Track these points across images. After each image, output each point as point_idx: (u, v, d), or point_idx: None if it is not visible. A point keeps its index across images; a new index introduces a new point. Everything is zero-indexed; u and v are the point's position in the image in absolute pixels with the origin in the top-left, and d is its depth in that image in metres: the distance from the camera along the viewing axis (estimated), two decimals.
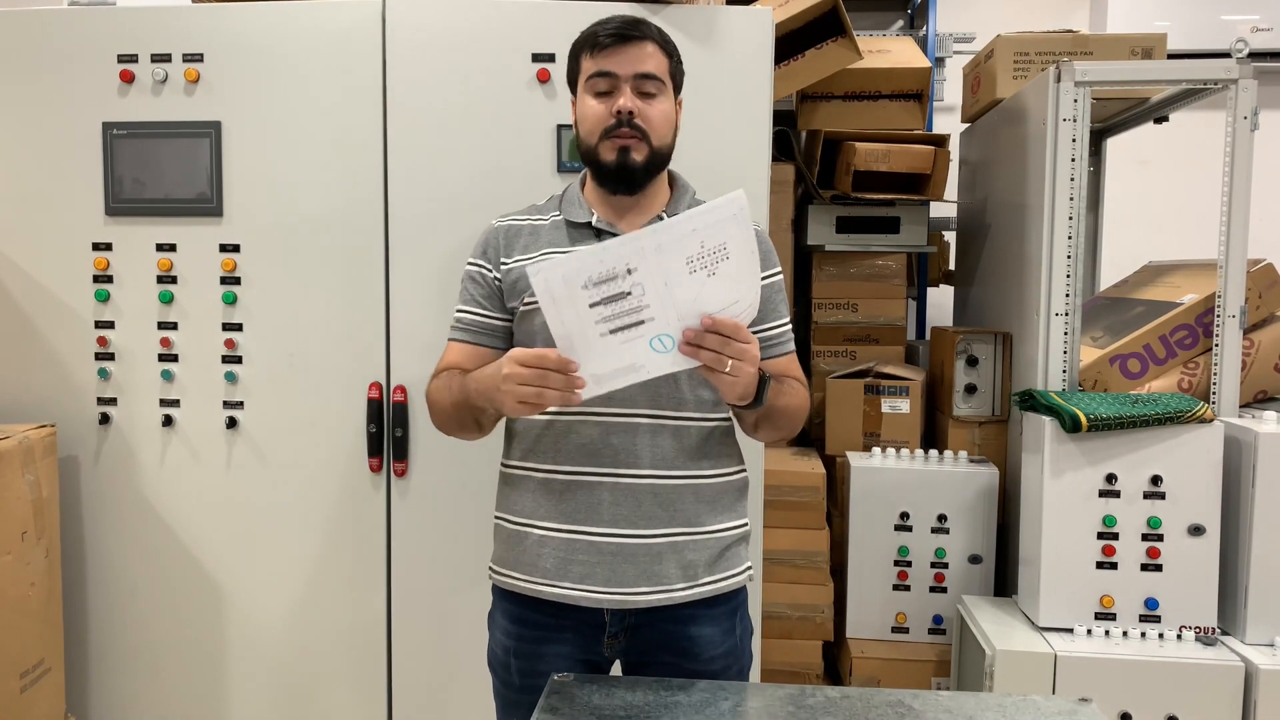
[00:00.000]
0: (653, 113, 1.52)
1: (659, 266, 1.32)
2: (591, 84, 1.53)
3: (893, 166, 2.83)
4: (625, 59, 1.50)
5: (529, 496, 1.56)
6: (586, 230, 1.57)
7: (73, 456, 2.20)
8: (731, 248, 1.33)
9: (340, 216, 2.12)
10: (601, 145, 1.52)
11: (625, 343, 1.35)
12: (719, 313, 1.35)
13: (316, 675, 2.20)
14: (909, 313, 3.40)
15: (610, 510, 1.51)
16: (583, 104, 1.55)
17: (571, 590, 1.51)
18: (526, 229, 1.60)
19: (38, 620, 2.05)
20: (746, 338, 1.37)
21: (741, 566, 1.61)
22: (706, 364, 1.36)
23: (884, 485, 2.62)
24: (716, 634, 1.57)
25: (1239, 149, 2.31)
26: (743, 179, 2.08)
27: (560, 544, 1.52)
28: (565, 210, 1.60)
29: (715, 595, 1.56)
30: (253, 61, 2.11)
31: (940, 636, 2.61)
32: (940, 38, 3.71)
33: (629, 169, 1.52)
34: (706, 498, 1.56)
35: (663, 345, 1.36)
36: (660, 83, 1.53)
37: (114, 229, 2.16)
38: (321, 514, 2.17)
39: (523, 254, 1.57)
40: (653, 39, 1.53)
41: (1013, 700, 1.37)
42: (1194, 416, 2.21)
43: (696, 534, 1.54)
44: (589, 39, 1.54)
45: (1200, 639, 2.22)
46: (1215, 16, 3.65)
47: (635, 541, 1.51)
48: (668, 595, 1.52)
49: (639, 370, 1.37)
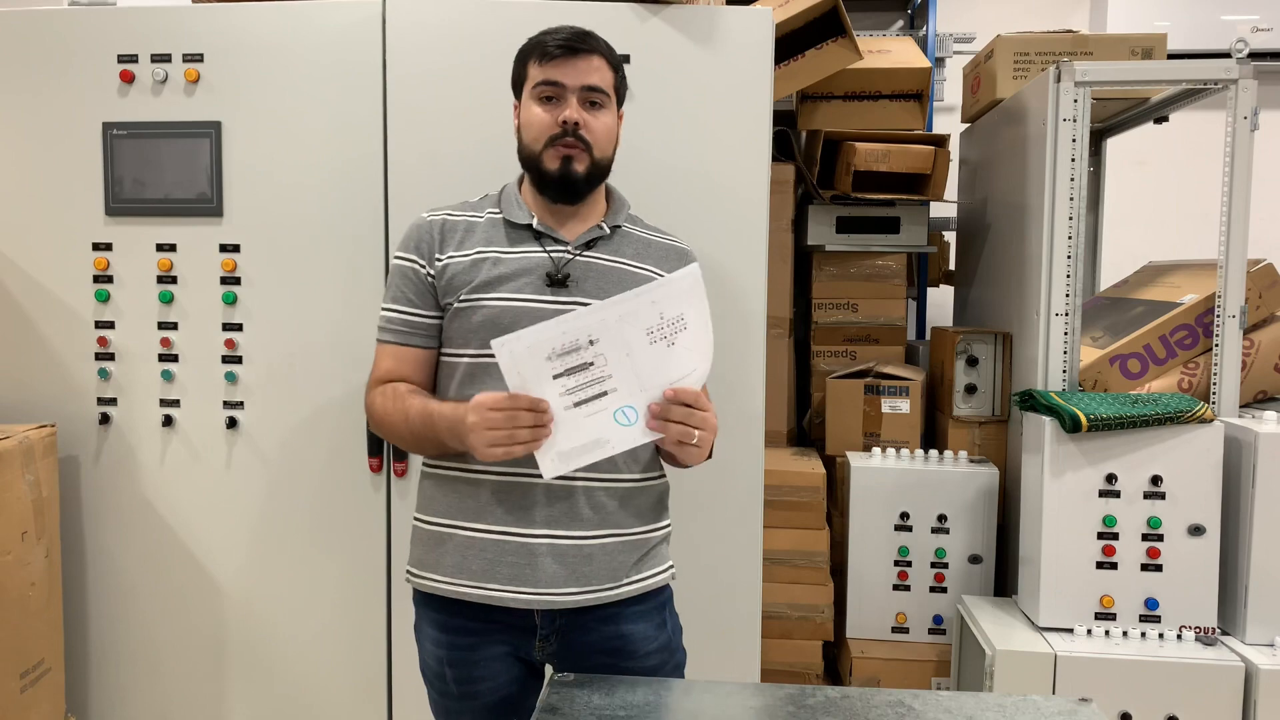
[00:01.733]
0: (597, 125, 1.54)
1: (621, 337, 1.37)
2: (538, 91, 1.54)
3: (893, 166, 2.83)
4: (573, 70, 1.52)
5: (455, 498, 1.55)
6: (526, 232, 1.57)
7: (73, 456, 2.20)
8: (689, 318, 1.40)
9: (340, 216, 2.12)
10: (545, 154, 1.53)
11: (590, 415, 1.39)
12: (678, 382, 1.41)
13: (316, 675, 2.20)
14: (909, 313, 3.40)
15: (543, 512, 1.51)
16: (528, 110, 1.56)
17: (499, 592, 1.50)
18: (462, 224, 1.59)
19: (38, 620, 2.05)
20: (706, 405, 1.44)
21: (665, 565, 1.63)
22: (674, 437, 1.42)
23: (884, 485, 2.62)
24: (649, 629, 1.58)
25: (1239, 149, 2.31)
26: (743, 179, 2.09)
27: (488, 545, 1.52)
28: (505, 210, 1.60)
29: (643, 593, 1.58)
30: (253, 61, 2.11)
31: (940, 636, 2.61)
32: (940, 38, 3.71)
33: (571, 179, 1.54)
34: (634, 502, 1.57)
35: (627, 418, 1.41)
36: (606, 95, 1.55)
37: (114, 229, 2.16)
38: (321, 514, 2.17)
39: (457, 250, 1.56)
40: (600, 53, 1.55)
41: (1013, 700, 1.37)
42: (1194, 416, 2.21)
43: (625, 535, 1.56)
44: (537, 47, 1.55)
45: (1200, 639, 2.22)
46: (1215, 16, 3.65)
47: (567, 543, 1.51)
48: (596, 595, 1.52)
49: (605, 445, 1.41)
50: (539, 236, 1.56)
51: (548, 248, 1.56)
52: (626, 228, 1.63)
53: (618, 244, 1.60)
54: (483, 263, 1.54)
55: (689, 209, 2.10)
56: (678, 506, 2.14)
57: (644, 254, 1.61)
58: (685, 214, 2.09)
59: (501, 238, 1.57)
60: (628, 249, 1.60)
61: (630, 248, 1.61)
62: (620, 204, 1.65)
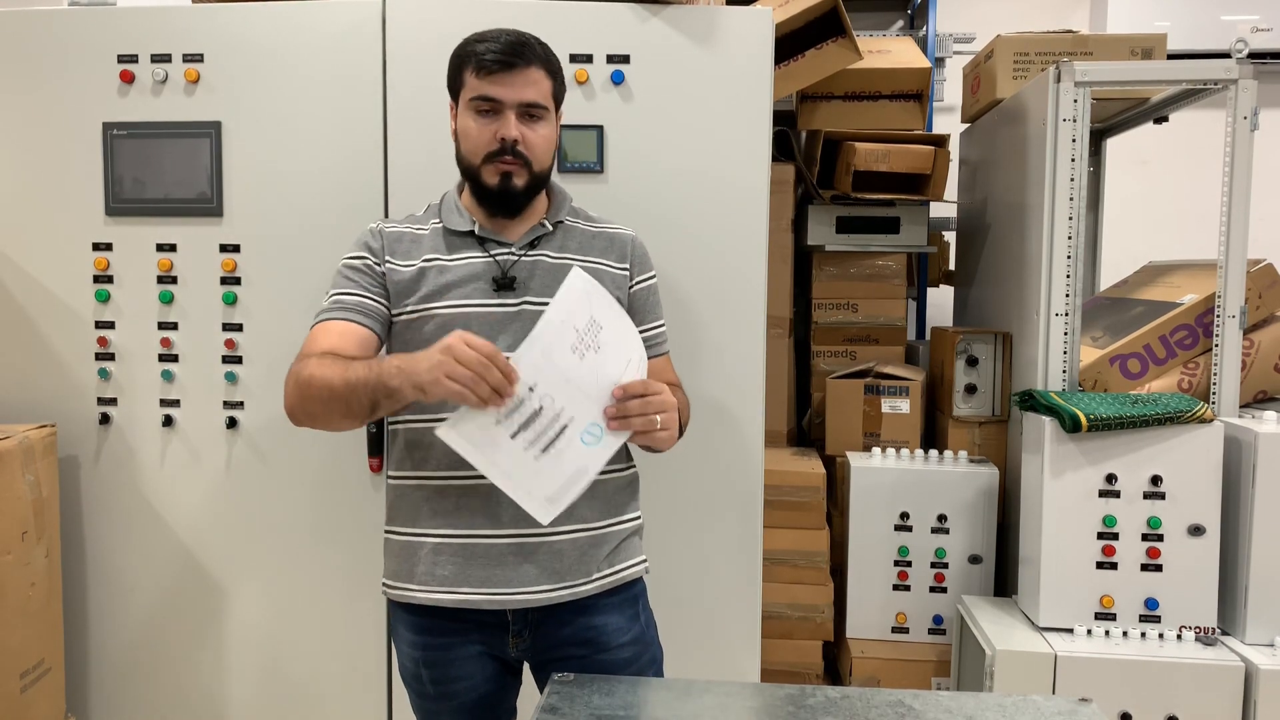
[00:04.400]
0: (535, 139, 1.53)
1: (554, 370, 1.36)
2: (474, 104, 1.52)
3: (893, 166, 2.83)
4: (510, 86, 1.50)
5: (422, 506, 1.54)
6: (469, 238, 1.57)
7: (73, 456, 2.20)
8: (600, 317, 1.39)
9: (341, 216, 2.12)
10: (484, 168, 1.53)
11: (561, 453, 1.39)
12: (621, 378, 1.41)
13: (316, 675, 2.20)
14: (909, 313, 3.40)
15: (509, 510, 1.48)
16: (464, 121, 1.54)
17: (472, 595, 1.51)
18: (408, 236, 1.59)
19: (38, 620, 2.05)
20: (658, 388, 1.42)
21: (638, 558, 1.63)
22: (639, 430, 1.41)
23: (884, 485, 2.62)
24: (621, 621, 1.58)
25: (1239, 149, 2.31)
26: (743, 179, 2.09)
27: (457, 550, 1.51)
28: (445, 219, 1.59)
29: (615, 586, 1.58)
30: (253, 61, 2.11)
31: (940, 636, 2.61)
32: (940, 38, 3.71)
33: (511, 193, 1.54)
34: (602, 495, 1.56)
35: (593, 436, 1.40)
36: (544, 108, 1.53)
37: (114, 229, 2.16)
38: (321, 514, 2.17)
39: (404, 260, 1.56)
40: (539, 62, 1.52)
41: (1013, 700, 1.37)
42: (1194, 416, 2.21)
43: (595, 529, 1.55)
44: (472, 56, 1.51)
45: (1200, 639, 2.22)
46: (1215, 16, 3.65)
47: (535, 540, 1.51)
48: (570, 590, 1.52)
49: (586, 472, 1.41)
50: (482, 241, 1.57)
51: (491, 251, 1.56)
52: (569, 222, 1.63)
53: (561, 239, 1.60)
54: (428, 271, 1.55)
55: (689, 209, 2.10)
56: (678, 507, 2.15)
57: (588, 246, 1.61)
58: (685, 214, 2.09)
59: (444, 246, 1.57)
60: (571, 243, 1.60)
61: (574, 241, 1.61)
62: (561, 199, 1.64)
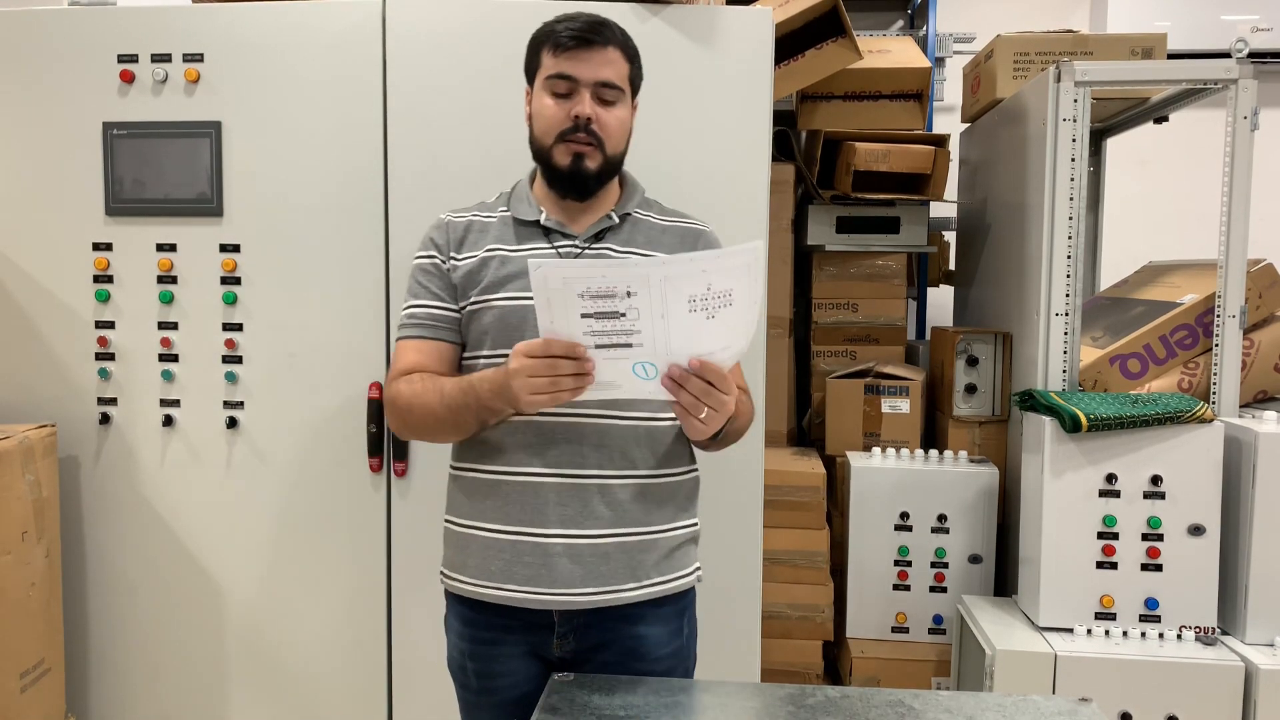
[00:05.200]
0: (610, 120, 1.50)
1: (660, 297, 1.29)
2: (550, 84, 1.50)
3: (893, 166, 2.83)
4: (587, 64, 1.48)
5: (474, 499, 1.55)
6: (534, 228, 1.55)
7: (73, 456, 2.20)
8: (737, 295, 1.31)
9: (341, 216, 2.12)
10: (556, 148, 1.51)
11: (607, 359, 1.33)
12: (707, 355, 1.33)
13: (316, 675, 2.20)
14: (909, 313, 3.40)
15: (556, 511, 1.49)
16: (539, 102, 1.52)
17: (517, 593, 1.50)
18: (476, 225, 1.58)
19: (38, 620, 2.05)
20: (728, 388, 1.35)
21: (690, 567, 1.59)
22: (683, 404, 1.35)
23: (884, 485, 2.62)
24: (664, 634, 1.56)
25: (1239, 149, 2.31)
26: (743, 179, 2.09)
27: (505, 546, 1.51)
28: (513, 207, 1.58)
29: (663, 596, 1.55)
30: (253, 61, 2.11)
31: (940, 636, 2.61)
32: (940, 38, 3.71)
33: (582, 175, 1.51)
34: (653, 498, 1.54)
35: (645, 373, 1.35)
36: (620, 91, 1.51)
37: (114, 229, 2.16)
38: (321, 514, 2.17)
39: (471, 250, 1.55)
40: (616, 44, 1.50)
41: (1013, 700, 1.37)
42: (1194, 416, 2.21)
43: (644, 534, 1.53)
44: (550, 35, 1.50)
45: (1200, 639, 2.22)
46: (1215, 16, 3.65)
47: (582, 542, 1.49)
48: (615, 596, 1.50)
49: (615, 388, 1.36)
50: (547, 232, 1.54)
51: (555, 243, 1.54)
52: (638, 214, 1.59)
53: (628, 233, 1.57)
54: (490, 261, 1.53)
55: (689, 209, 2.09)
56: None
57: (656, 240, 1.58)
58: None
59: (511, 235, 1.55)
60: (639, 236, 1.57)
61: (641, 235, 1.57)
62: (632, 191, 1.62)
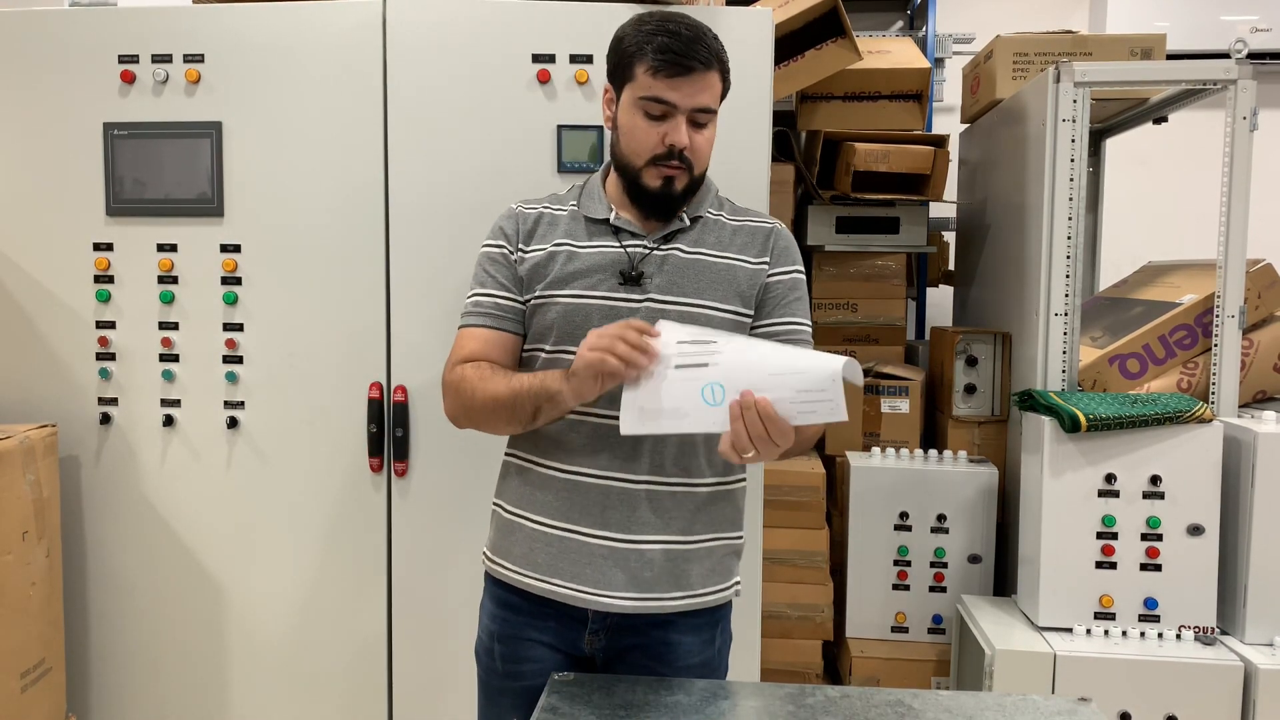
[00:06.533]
0: (702, 143, 1.48)
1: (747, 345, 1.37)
2: (645, 104, 1.45)
3: (892, 167, 2.83)
4: (688, 91, 1.43)
5: (526, 489, 1.55)
6: (604, 226, 1.54)
7: (73, 456, 2.20)
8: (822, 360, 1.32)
9: (341, 217, 2.12)
10: (646, 170, 1.48)
11: (682, 381, 1.34)
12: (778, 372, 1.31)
13: (316, 675, 2.20)
14: (909, 313, 3.40)
15: (604, 514, 1.49)
16: (631, 120, 1.47)
17: (560, 588, 1.50)
18: (546, 218, 1.57)
19: (38, 620, 2.06)
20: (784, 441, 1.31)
21: (730, 581, 1.58)
22: (733, 435, 1.31)
23: (884, 485, 2.62)
24: (696, 643, 1.56)
25: (1238, 149, 2.31)
26: (743, 179, 2.09)
27: (552, 540, 1.51)
28: (584, 204, 1.56)
29: (700, 608, 1.54)
30: (253, 61, 2.11)
31: (940, 636, 2.61)
32: (940, 38, 3.71)
33: (671, 198, 1.50)
34: (702, 505, 1.53)
35: (714, 397, 1.34)
36: (714, 112, 1.49)
37: (115, 229, 2.16)
38: (321, 514, 2.17)
39: (540, 243, 1.54)
40: (715, 65, 1.45)
41: (1012, 700, 1.37)
42: (1193, 416, 2.21)
43: (689, 543, 1.52)
44: (654, 54, 1.43)
45: (1200, 639, 2.23)
46: (1215, 17, 3.65)
47: (627, 547, 1.49)
48: (654, 604, 1.50)
49: (684, 418, 1.36)
50: (616, 231, 1.53)
51: (624, 242, 1.52)
52: (710, 215, 1.57)
53: (698, 234, 1.55)
54: (558, 256, 1.52)
55: None
56: None
57: (726, 242, 1.55)
58: None
59: (580, 231, 1.54)
60: (709, 237, 1.55)
61: (711, 235, 1.55)
62: (705, 191, 1.58)
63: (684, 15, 1.48)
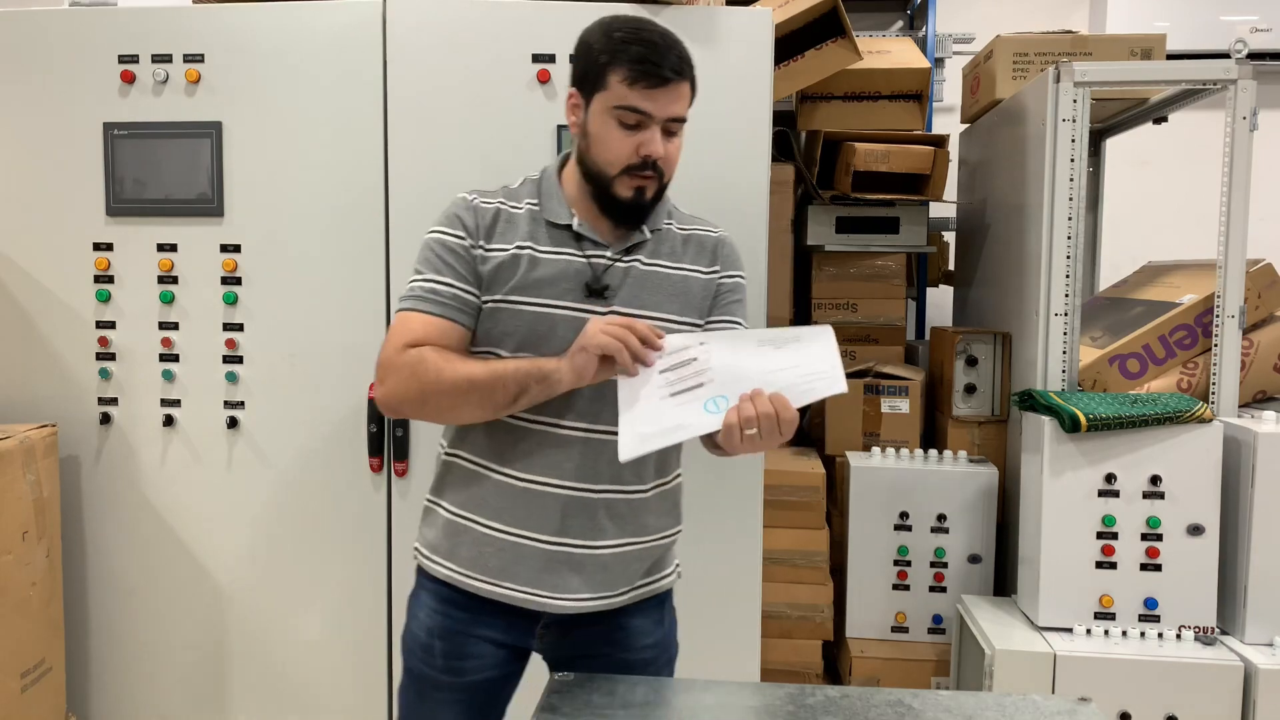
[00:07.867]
0: (673, 151, 1.48)
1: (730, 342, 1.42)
2: (619, 114, 1.43)
3: (892, 167, 2.83)
4: (663, 101, 1.43)
5: (476, 491, 1.52)
6: (565, 232, 1.51)
7: (74, 456, 2.20)
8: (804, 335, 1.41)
9: (341, 217, 2.12)
10: (619, 180, 1.46)
11: (681, 404, 1.38)
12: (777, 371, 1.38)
13: (316, 675, 2.20)
14: (909, 313, 3.40)
15: (564, 522, 1.48)
16: (604, 129, 1.45)
17: (514, 592, 1.49)
18: (504, 215, 1.52)
19: (38, 620, 2.06)
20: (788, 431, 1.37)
21: (671, 567, 1.63)
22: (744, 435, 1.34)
23: (884, 485, 2.62)
24: (647, 624, 1.59)
25: (1238, 149, 2.31)
26: (743, 179, 2.09)
27: (505, 545, 1.50)
28: (545, 207, 1.53)
29: (648, 596, 1.58)
30: (253, 61, 2.11)
31: (940, 636, 2.61)
32: (940, 38, 3.71)
33: (642, 207, 1.50)
34: (650, 508, 1.55)
35: (716, 407, 1.38)
36: (684, 120, 1.49)
37: (115, 229, 2.16)
38: (322, 514, 2.17)
39: (501, 242, 1.50)
40: (687, 75, 1.46)
41: (1012, 700, 1.37)
42: (1193, 416, 2.21)
43: (640, 543, 1.54)
44: (623, 62, 1.42)
45: (1199, 639, 2.22)
46: (1215, 17, 3.65)
47: (584, 552, 1.50)
48: (608, 601, 1.52)
49: (685, 429, 1.38)
50: (579, 238, 1.51)
51: (587, 251, 1.50)
52: (664, 225, 1.57)
53: (654, 244, 1.54)
54: (521, 259, 1.48)
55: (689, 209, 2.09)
56: None
57: (679, 253, 1.56)
58: None
59: (541, 235, 1.51)
60: (664, 248, 1.55)
61: (666, 246, 1.55)
62: (664, 203, 1.58)
63: (652, 22, 1.48)
